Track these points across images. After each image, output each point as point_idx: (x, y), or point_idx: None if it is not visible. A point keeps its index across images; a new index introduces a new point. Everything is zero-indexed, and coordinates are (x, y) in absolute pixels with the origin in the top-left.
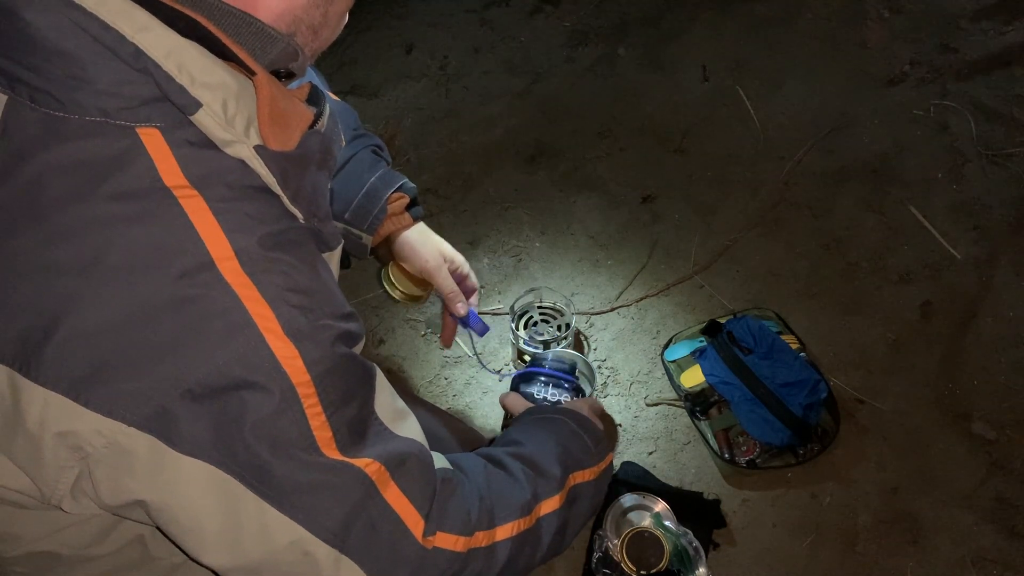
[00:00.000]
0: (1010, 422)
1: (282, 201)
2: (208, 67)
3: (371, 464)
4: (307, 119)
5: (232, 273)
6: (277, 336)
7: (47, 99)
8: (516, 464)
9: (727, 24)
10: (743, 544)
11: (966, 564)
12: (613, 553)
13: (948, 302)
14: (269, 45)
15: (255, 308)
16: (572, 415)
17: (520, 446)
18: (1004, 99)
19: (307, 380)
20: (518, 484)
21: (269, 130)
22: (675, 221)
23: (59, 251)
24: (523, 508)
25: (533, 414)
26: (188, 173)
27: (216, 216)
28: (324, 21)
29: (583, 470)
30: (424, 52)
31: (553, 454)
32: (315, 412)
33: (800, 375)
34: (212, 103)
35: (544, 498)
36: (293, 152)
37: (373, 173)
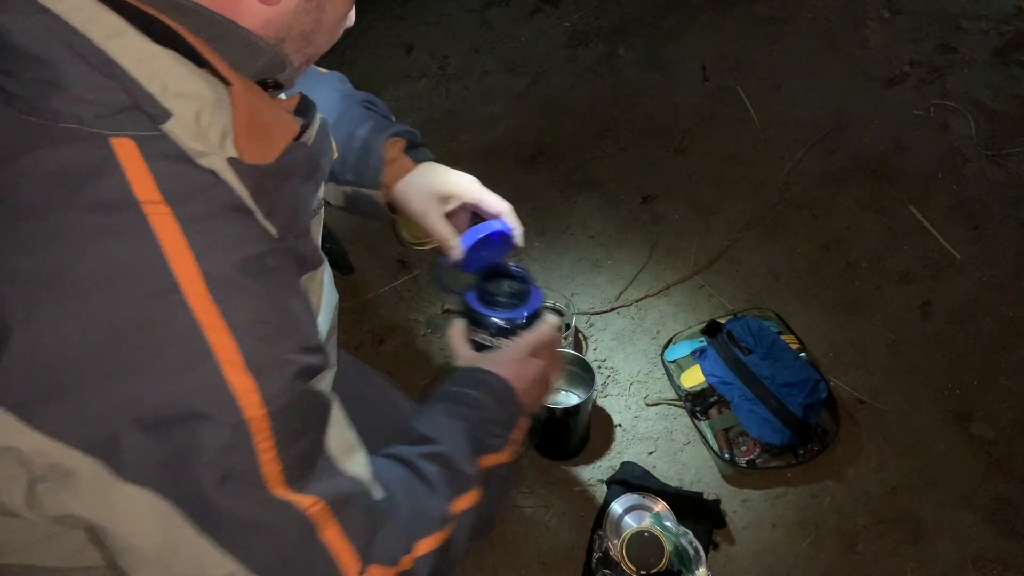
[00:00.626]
0: (1010, 422)
1: (256, 218)
2: (183, 76)
3: (315, 504)
4: (292, 131)
5: (197, 299)
6: (237, 368)
7: (21, 104)
8: (432, 468)
9: (727, 24)
10: (743, 544)
11: (966, 564)
12: (613, 553)
13: (948, 302)
14: (255, 54)
15: (217, 338)
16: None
17: (435, 444)
18: (1004, 99)
19: (262, 415)
20: (436, 494)
21: (245, 142)
22: (675, 221)
23: (25, 260)
24: (442, 519)
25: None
26: (162, 188)
27: (187, 237)
28: (317, 27)
29: (497, 453)
30: (424, 52)
31: (467, 449)
32: (266, 447)
33: (800, 375)
34: (184, 113)
35: (459, 496)
36: (271, 165)
37: (364, 127)
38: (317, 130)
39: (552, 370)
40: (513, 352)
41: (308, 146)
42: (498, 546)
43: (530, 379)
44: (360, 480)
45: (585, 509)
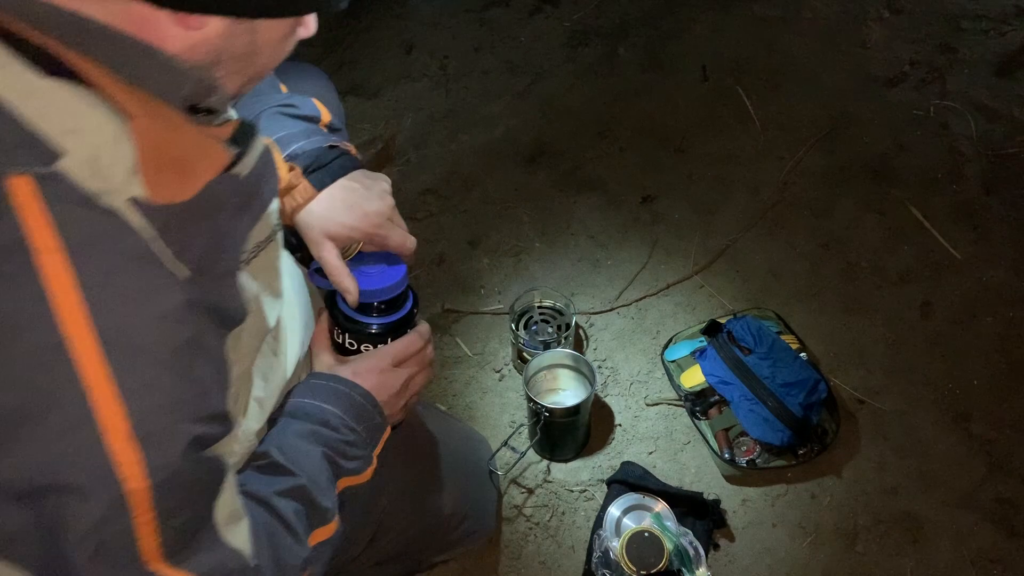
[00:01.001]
0: (1010, 422)
1: (162, 264)
2: (75, 110)
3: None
4: (219, 162)
5: (87, 359)
6: (120, 438)
7: None
8: (290, 507)
9: (727, 24)
10: (743, 544)
11: (966, 564)
12: (613, 553)
13: (948, 302)
14: (178, 80)
15: (103, 403)
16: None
17: (292, 477)
18: (1004, 99)
19: (144, 487)
20: (296, 538)
21: (155, 178)
22: (675, 221)
23: None
24: (303, 564)
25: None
26: (61, 233)
27: (83, 290)
28: (253, 50)
29: (356, 476)
30: (424, 52)
31: (324, 479)
32: (146, 520)
33: (800, 375)
34: (78, 151)
35: (318, 528)
36: (187, 202)
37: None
38: (258, 157)
39: (420, 380)
40: (376, 361)
41: (240, 178)
42: (498, 546)
43: (393, 390)
44: (239, 552)
45: (585, 509)
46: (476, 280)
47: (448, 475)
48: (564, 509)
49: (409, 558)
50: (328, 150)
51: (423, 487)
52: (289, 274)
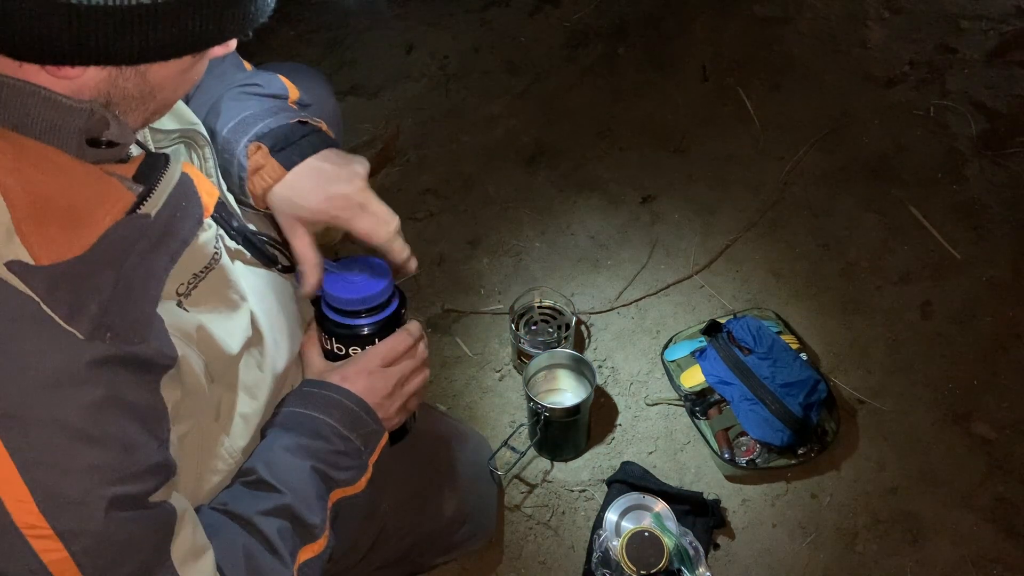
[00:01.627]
0: (1010, 422)
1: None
2: None
3: None
4: (120, 204)
5: None
6: (28, 513)
7: None
8: (274, 526)
9: (727, 24)
10: (743, 544)
11: (966, 564)
12: (613, 553)
13: (948, 302)
14: (68, 116)
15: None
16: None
17: (277, 495)
18: (1004, 99)
19: (63, 557)
20: (280, 561)
21: (36, 237)
22: (675, 221)
23: None
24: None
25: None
26: None
27: None
28: (146, 86)
29: (349, 487)
30: (424, 52)
31: (313, 494)
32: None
33: (800, 375)
34: None
35: (305, 546)
36: (80, 257)
37: (227, 125)
38: (171, 191)
39: (416, 381)
40: (363, 363)
41: (148, 219)
42: (498, 546)
43: (385, 391)
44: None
45: (585, 509)
46: (476, 280)
47: (449, 477)
48: (564, 509)
49: (411, 561)
50: (297, 126)
51: (424, 490)
52: (272, 287)
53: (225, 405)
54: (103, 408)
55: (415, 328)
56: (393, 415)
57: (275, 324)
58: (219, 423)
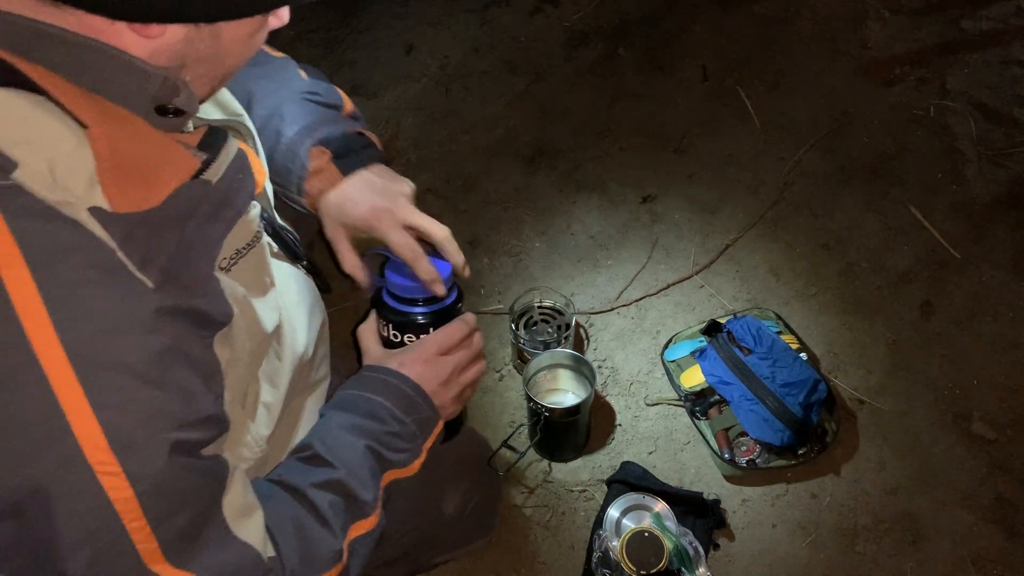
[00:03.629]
0: (1010, 422)
1: (129, 271)
2: (30, 120)
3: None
4: (187, 169)
5: (58, 376)
6: (99, 450)
7: None
8: (326, 499)
9: (727, 24)
10: (743, 544)
11: (966, 564)
12: (613, 553)
13: (948, 302)
14: (143, 81)
15: (78, 418)
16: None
17: (331, 469)
18: (1004, 99)
19: (129, 496)
20: (330, 530)
21: (115, 188)
22: (675, 221)
23: None
24: (336, 555)
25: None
26: (23, 247)
27: (47, 307)
28: (220, 51)
29: (402, 468)
30: (424, 52)
31: (367, 471)
32: (138, 526)
33: (800, 375)
34: (32, 162)
35: (356, 523)
36: (151, 210)
37: (293, 127)
38: (230, 163)
39: (472, 372)
40: (420, 351)
41: (211, 184)
42: (498, 546)
43: (440, 379)
44: (251, 546)
45: (585, 509)
46: (476, 280)
47: (449, 476)
48: (564, 509)
49: (411, 560)
50: (356, 136)
51: (425, 489)
52: (293, 278)
53: (250, 393)
54: (167, 355)
55: (471, 319)
56: (448, 403)
57: (293, 317)
58: (245, 410)
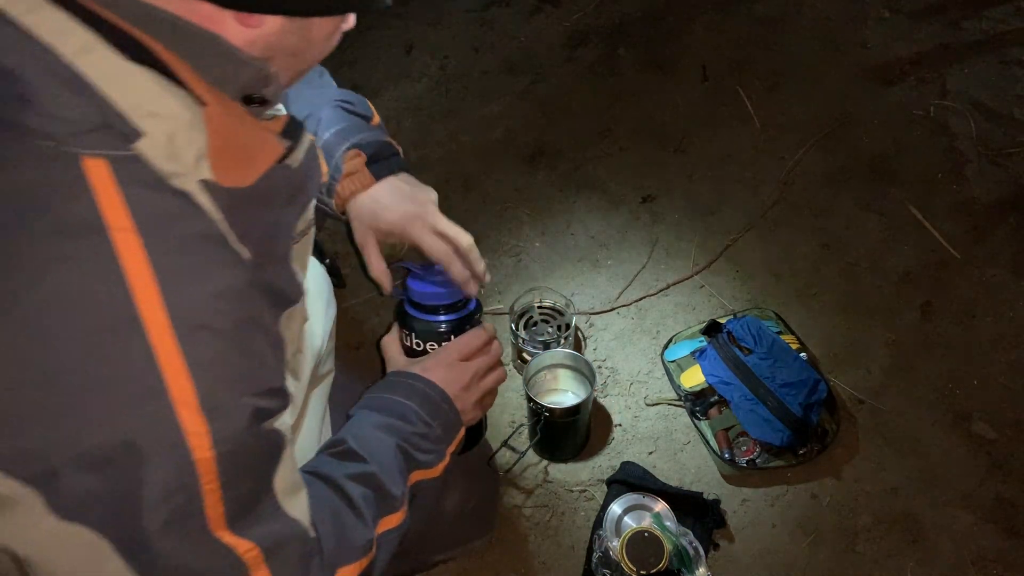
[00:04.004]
0: (1010, 422)
1: (228, 243)
2: (156, 95)
3: (251, 549)
4: (274, 153)
5: (159, 335)
6: (190, 410)
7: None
8: (359, 491)
9: (727, 24)
10: (743, 544)
11: (966, 564)
12: (613, 553)
13: (948, 302)
14: (238, 68)
15: (173, 377)
16: (424, 400)
17: (363, 464)
18: (1004, 99)
19: (210, 457)
20: (362, 521)
21: (221, 164)
22: (675, 221)
23: None
24: (366, 545)
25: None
26: (132, 213)
27: (153, 268)
28: (305, 46)
29: (428, 469)
30: (424, 52)
31: (396, 468)
32: (211, 488)
33: (800, 375)
34: (156, 133)
35: (384, 517)
36: (248, 188)
37: (329, 129)
38: (305, 151)
39: (492, 378)
40: (442, 356)
41: (292, 169)
42: (498, 546)
43: (462, 383)
44: (298, 522)
45: (585, 509)
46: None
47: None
48: (564, 509)
49: (410, 558)
50: (387, 144)
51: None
52: (312, 277)
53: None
54: (252, 324)
55: (490, 327)
56: (469, 408)
57: (313, 309)
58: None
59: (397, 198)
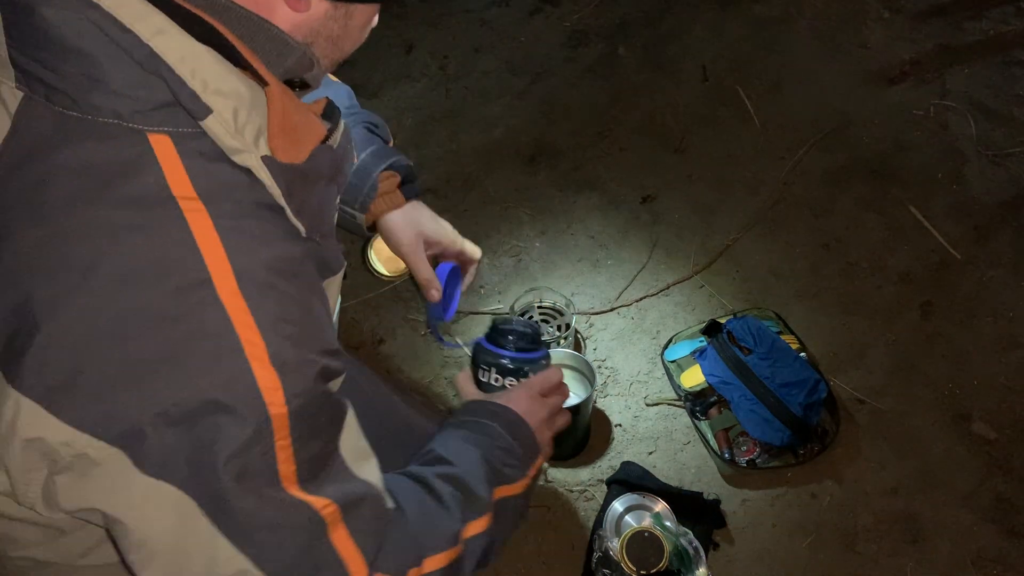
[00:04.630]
0: (1010, 422)
1: (286, 215)
2: (221, 74)
3: (327, 505)
4: (319, 134)
5: (229, 295)
6: (263, 365)
7: (63, 98)
8: (446, 488)
9: (727, 24)
10: (743, 544)
11: (966, 564)
12: (613, 553)
13: (948, 302)
14: (285, 52)
15: (246, 334)
16: (505, 422)
17: (450, 466)
18: (1004, 99)
19: (283, 413)
20: (448, 513)
21: (279, 141)
22: (675, 221)
23: (56, 253)
24: (452, 538)
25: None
26: (196, 185)
27: (219, 233)
28: (344, 33)
29: (511, 484)
30: (424, 52)
31: (482, 474)
32: (284, 445)
33: (800, 375)
34: (223, 110)
35: (471, 521)
36: (302, 165)
37: (364, 150)
38: (341, 134)
39: (560, 420)
40: (524, 390)
41: (333, 149)
42: None
43: (541, 418)
44: (372, 484)
45: (585, 509)
46: (476, 280)
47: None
48: (564, 509)
49: None
50: (412, 169)
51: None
52: None
53: None
54: (311, 290)
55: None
56: (543, 441)
57: None
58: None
59: (427, 216)
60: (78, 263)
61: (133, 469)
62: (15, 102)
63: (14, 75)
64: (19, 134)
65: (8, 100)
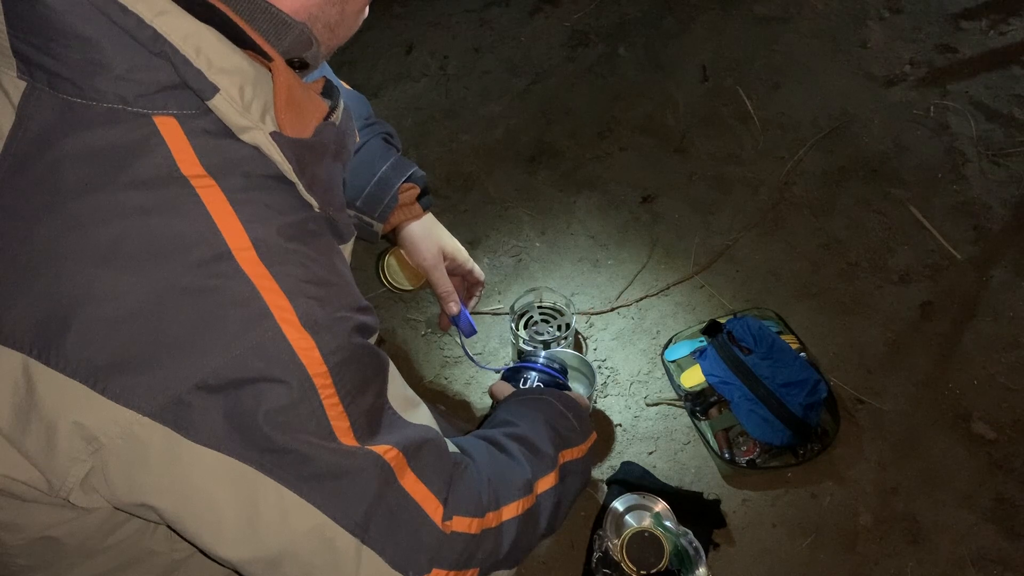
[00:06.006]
0: (1010, 422)
1: (298, 190)
2: (225, 52)
3: (389, 451)
4: (322, 110)
5: (250, 263)
6: (294, 327)
7: (66, 85)
8: (514, 445)
9: (727, 24)
10: (743, 544)
11: (966, 564)
12: (613, 553)
13: (948, 302)
14: (283, 31)
15: (272, 299)
16: (557, 395)
17: (514, 426)
18: (1004, 99)
19: (324, 371)
20: (518, 464)
21: (285, 117)
22: (675, 221)
23: (76, 240)
24: (525, 487)
25: (520, 396)
26: (205, 162)
27: (233, 206)
28: (341, 19)
29: (572, 448)
30: (424, 52)
31: (545, 434)
32: (332, 402)
33: (800, 375)
34: (229, 88)
35: (541, 476)
36: (309, 140)
37: (385, 161)
38: (342, 112)
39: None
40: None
41: (336, 126)
42: None
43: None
44: (428, 427)
45: (585, 509)
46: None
47: None
48: None
49: None
50: (426, 180)
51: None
52: None
53: None
54: (333, 253)
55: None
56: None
57: None
58: None
59: (444, 231)
60: (101, 247)
61: (182, 441)
62: (18, 92)
63: (16, 65)
64: (25, 125)
65: (11, 91)
